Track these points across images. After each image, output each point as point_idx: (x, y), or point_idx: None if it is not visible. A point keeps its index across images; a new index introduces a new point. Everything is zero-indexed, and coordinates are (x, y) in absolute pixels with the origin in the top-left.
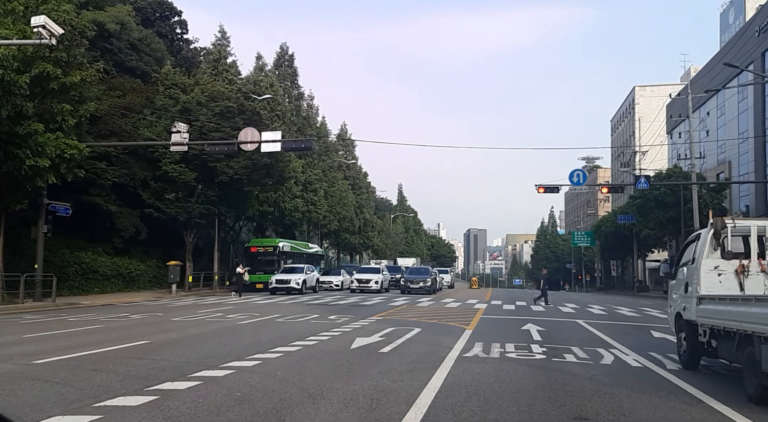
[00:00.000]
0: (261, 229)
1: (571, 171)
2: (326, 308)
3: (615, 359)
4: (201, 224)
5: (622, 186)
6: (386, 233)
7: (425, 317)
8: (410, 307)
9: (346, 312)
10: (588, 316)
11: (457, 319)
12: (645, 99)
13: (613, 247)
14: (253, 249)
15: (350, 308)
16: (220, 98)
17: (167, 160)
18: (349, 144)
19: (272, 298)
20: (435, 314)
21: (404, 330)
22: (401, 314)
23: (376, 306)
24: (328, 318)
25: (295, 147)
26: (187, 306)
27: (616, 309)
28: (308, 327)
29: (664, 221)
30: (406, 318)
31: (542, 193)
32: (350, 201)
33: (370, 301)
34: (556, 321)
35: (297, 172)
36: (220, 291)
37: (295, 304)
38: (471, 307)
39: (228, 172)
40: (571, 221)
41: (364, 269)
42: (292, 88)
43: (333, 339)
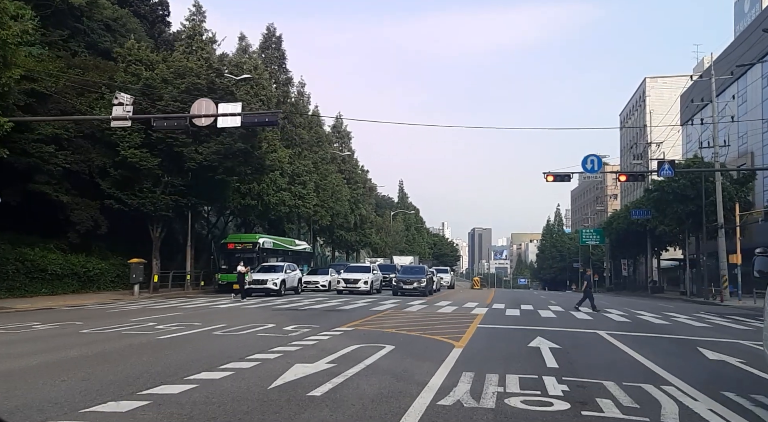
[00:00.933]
0: (247, 225)
1: (585, 157)
2: (291, 315)
3: (681, 410)
4: (170, 218)
5: (642, 173)
6: (386, 230)
7: (408, 326)
8: (395, 313)
9: (313, 321)
10: (608, 324)
11: (447, 330)
12: (656, 91)
13: (625, 245)
14: (230, 246)
15: (321, 315)
16: (188, 75)
17: (126, 144)
18: (345, 136)
19: (242, 301)
20: (422, 322)
21: (370, 350)
22: (380, 323)
23: (355, 312)
24: (283, 329)
25: (257, 121)
26: (132, 311)
27: (637, 315)
28: (245, 344)
29: (683, 216)
30: (383, 328)
31: (551, 182)
32: (344, 196)
33: (352, 305)
34: (571, 332)
35: (283, 162)
36: (193, 292)
37: (260, 309)
38: (468, 312)
39: (196, 158)
40: (578, 219)
41: (353, 268)
42: (279, 72)
43: (257, 367)
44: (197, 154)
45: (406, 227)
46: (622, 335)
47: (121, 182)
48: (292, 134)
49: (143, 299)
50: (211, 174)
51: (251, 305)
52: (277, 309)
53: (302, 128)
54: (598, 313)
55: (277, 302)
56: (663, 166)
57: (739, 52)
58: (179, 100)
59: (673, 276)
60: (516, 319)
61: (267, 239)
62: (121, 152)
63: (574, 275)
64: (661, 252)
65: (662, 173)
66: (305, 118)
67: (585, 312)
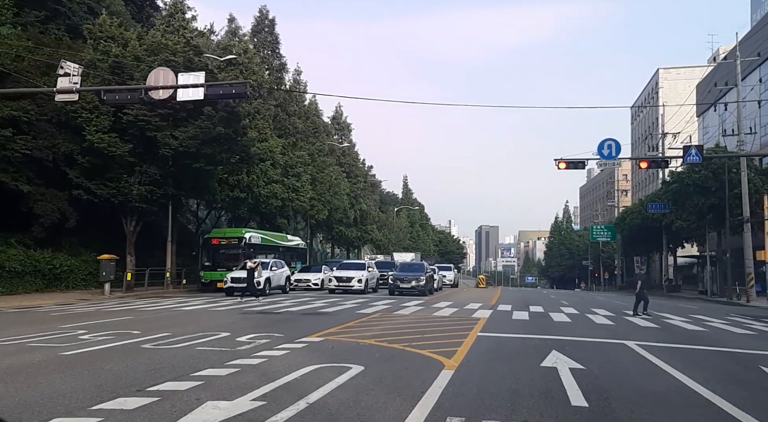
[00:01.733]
0: (238, 219)
1: (601, 141)
2: (259, 321)
3: None
4: (146, 210)
5: (665, 159)
6: (389, 227)
7: (393, 336)
8: (385, 316)
9: (281, 327)
10: (635, 332)
11: (439, 340)
12: (670, 82)
13: (638, 241)
14: (215, 241)
15: (295, 320)
16: (163, 52)
17: (93, 128)
18: (345, 128)
19: (218, 301)
20: (412, 329)
21: (329, 374)
22: (361, 330)
23: (338, 315)
24: (236, 339)
25: (223, 93)
26: (80, 315)
27: (663, 318)
28: (169, 363)
29: (704, 209)
30: (361, 338)
31: (563, 169)
32: (343, 189)
33: (339, 306)
34: (593, 343)
35: (275, 152)
36: (173, 291)
37: (229, 312)
38: (469, 316)
39: (171, 143)
40: (587, 216)
41: (347, 265)
42: (272, 58)
43: (148, 407)
44: (172, 139)
45: (411, 223)
46: (658, 347)
47: (90, 170)
48: (286, 122)
49: (113, 299)
50: (189, 161)
51: (222, 307)
52: (248, 312)
53: (297, 117)
54: (622, 318)
55: (250, 305)
56: (689, 151)
57: (759, 39)
58: None
59: (689, 274)
60: (524, 325)
61: (254, 234)
62: (87, 137)
63: (583, 273)
64: (676, 249)
65: (688, 158)
66: (301, 107)
67: (604, 315)
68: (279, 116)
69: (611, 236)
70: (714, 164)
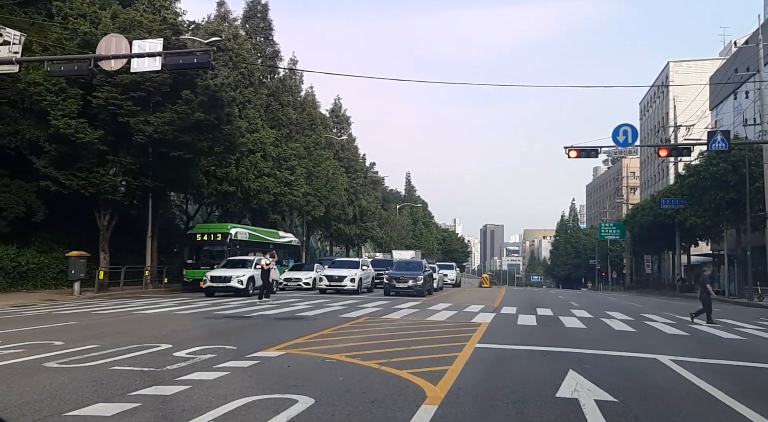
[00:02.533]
0: (230, 215)
1: (616, 127)
2: (219, 328)
3: None
4: (123, 204)
5: (687, 146)
6: (391, 224)
7: (370, 348)
8: (370, 321)
9: (240, 337)
10: (666, 343)
11: (426, 355)
12: (680, 76)
13: (649, 239)
14: (198, 237)
15: (263, 327)
16: (137, 29)
17: (59, 113)
18: (344, 121)
19: (192, 302)
20: (395, 340)
21: (261, 412)
22: (331, 342)
23: (316, 321)
24: (174, 354)
25: (183, 63)
26: (28, 318)
27: (690, 325)
28: (55, 391)
29: (722, 204)
30: (328, 353)
31: (574, 158)
32: (341, 184)
33: (323, 309)
34: (619, 358)
35: (265, 143)
36: (152, 291)
37: (190, 316)
38: (468, 320)
39: (146, 129)
40: (593, 214)
41: (339, 263)
42: (265, 45)
43: None
44: (147, 125)
45: (413, 221)
46: (699, 365)
47: (58, 159)
48: (279, 113)
49: (81, 300)
50: (167, 150)
51: (190, 310)
52: (214, 316)
53: (290, 107)
54: (643, 323)
55: (229, 305)
56: (715, 137)
57: None
58: None
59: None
60: (532, 332)
61: (241, 230)
62: (52, 123)
63: (590, 273)
64: (689, 247)
65: (713, 145)
66: (296, 98)
67: (622, 320)
68: (271, 106)
69: (620, 234)
70: (733, 156)
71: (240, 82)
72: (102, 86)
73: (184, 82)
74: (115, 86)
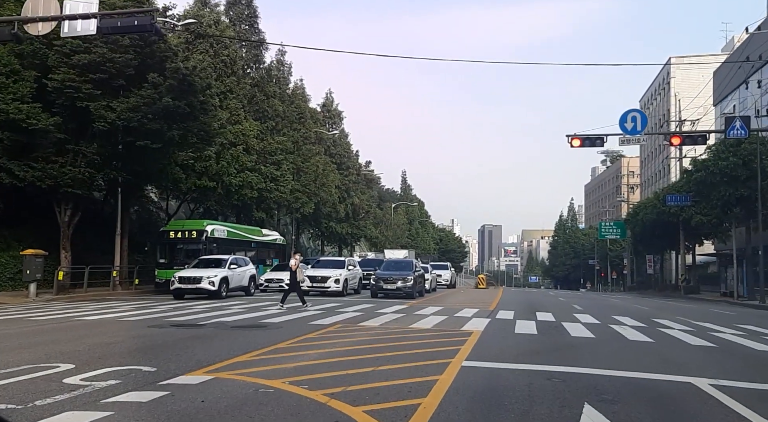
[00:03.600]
0: (212, 213)
1: (623, 113)
2: (149, 340)
3: None
4: (86, 198)
5: (702, 134)
6: (386, 223)
7: (327, 369)
8: (342, 330)
9: (169, 354)
10: (694, 358)
11: (396, 380)
12: (682, 72)
13: (651, 239)
14: (171, 235)
15: (210, 338)
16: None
17: (9, 95)
18: (335, 116)
19: (150, 307)
20: (365, 355)
21: None
22: (284, 359)
23: (280, 329)
24: (65, 380)
25: (122, 26)
26: None
27: (711, 331)
28: None
29: (732, 201)
30: (269, 377)
31: (577, 147)
32: (331, 181)
33: (295, 314)
34: (644, 381)
35: (248, 136)
36: (121, 292)
37: (132, 324)
38: (457, 327)
39: (107, 116)
40: (592, 215)
41: (324, 262)
42: (250, 33)
43: None
44: (109, 111)
45: (409, 220)
46: (748, 391)
47: (11, 148)
48: (264, 104)
49: (34, 303)
50: (131, 139)
51: (139, 316)
52: (161, 325)
53: (276, 99)
54: (659, 331)
55: (191, 310)
56: (733, 123)
57: None
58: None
59: (704, 274)
60: (532, 344)
61: (218, 227)
62: (1, 107)
63: (589, 273)
64: (694, 246)
65: (731, 132)
66: (284, 89)
67: (634, 326)
68: (256, 97)
69: (621, 234)
70: (744, 150)
71: (222, 71)
72: (58, 67)
73: (151, 65)
74: (72, 67)
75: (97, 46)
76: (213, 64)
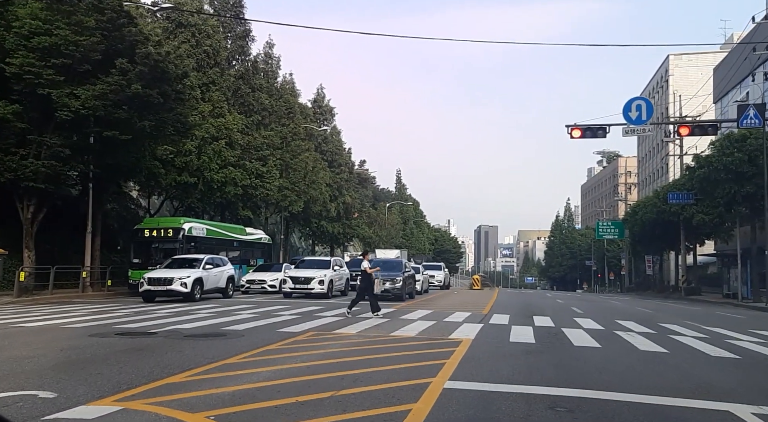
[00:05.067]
0: (194, 211)
1: (627, 102)
2: (84, 353)
3: None
4: (51, 193)
5: (714, 123)
6: (379, 223)
7: (271, 397)
8: (311, 341)
9: (91, 373)
10: (723, 374)
11: (357, 412)
12: (681, 69)
13: (651, 239)
14: (146, 233)
15: (151, 351)
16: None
17: None
18: (327, 111)
19: (108, 312)
20: (326, 375)
21: None
22: (225, 380)
23: (240, 340)
24: None
25: None
26: None
27: (728, 339)
28: None
29: (738, 198)
30: (194, 408)
31: (578, 138)
32: (322, 178)
33: (266, 320)
34: (669, 409)
35: (231, 129)
36: (91, 295)
37: (71, 331)
38: (445, 336)
39: (71, 104)
40: (589, 215)
41: (308, 262)
42: (235, 23)
43: None
44: (73, 98)
45: (404, 220)
46: None
47: None
48: (249, 97)
49: None
50: (99, 129)
51: (88, 322)
52: (105, 334)
53: (263, 92)
54: (671, 339)
55: (152, 315)
56: (747, 111)
57: None
58: (49, 22)
59: (704, 275)
60: (530, 357)
61: (197, 225)
62: None
63: (585, 274)
64: (695, 247)
65: (744, 121)
66: (271, 83)
67: (642, 333)
68: (241, 90)
69: (619, 234)
70: (750, 145)
71: (204, 62)
72: (16, 51)
73: (121, 50)
74: (32, 51)
75: (59, 27)
76: (194, 54)
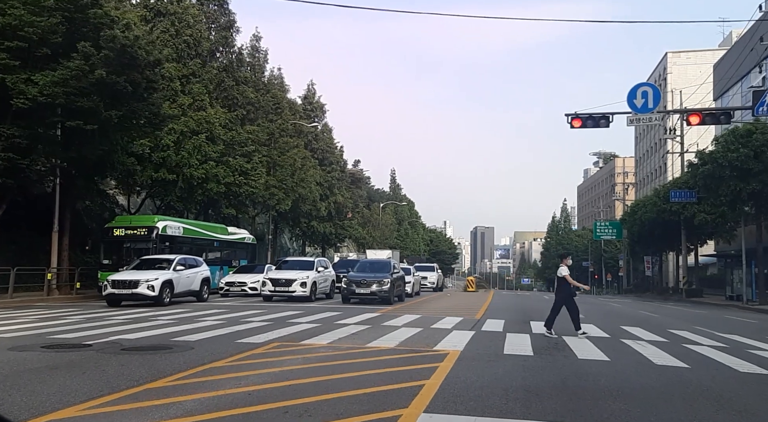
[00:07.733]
0: (176, 209)
1: (632, 88)
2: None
3: None
4: (9, 187)
5: (728, 111)
6: (373, 223)
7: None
8: (272, 354)
9: None
10: (762, 398)
11: None
12: (679, 67)
13: (650, 239)
14: (117, 232)
15: (66, 371)
16: None
17: None
18: (317, 108)
19: (62, 317)
20: (271, 406)
21: None
22: (129, 415)
23: (186, 353)
24: None
25: None
26: None
27: (752, 351)
28: None
29: (743, 196)
30: None
31: (578, 128)
32: (311, 176)
33: (230, 327)
34: None
35: (213, 124)
36: (58, 298)
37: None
38: (429, 347)
39: (29, 91)
40: (585, 216)
41: (291, 263)
42: (219, 14)
43: None
44: (30, 85)
45: (399, 221)
46: None
47: None
48: (233, 91)
49: None
50: (59, 119)
51: (29, 331)
52: (30, 344)
53: (248, 86)
54: (687, 349)
55: (107, 322)
56: (763, 98)
57: None
58: (2, 1)
59: (704, 276)
60: (527, 375)
61: (172, 223)
62: None
63: (582, 275)
64: (696, 247)
65: (760, 109)
66: (258, 77)
67: (652, 341)
68: (224, 83)
69: (617, 234)
70: (756, 140)
71: (184, 52)
72: None
73: (85, 34)
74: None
75: (13, 6)
76: (174, 44)
